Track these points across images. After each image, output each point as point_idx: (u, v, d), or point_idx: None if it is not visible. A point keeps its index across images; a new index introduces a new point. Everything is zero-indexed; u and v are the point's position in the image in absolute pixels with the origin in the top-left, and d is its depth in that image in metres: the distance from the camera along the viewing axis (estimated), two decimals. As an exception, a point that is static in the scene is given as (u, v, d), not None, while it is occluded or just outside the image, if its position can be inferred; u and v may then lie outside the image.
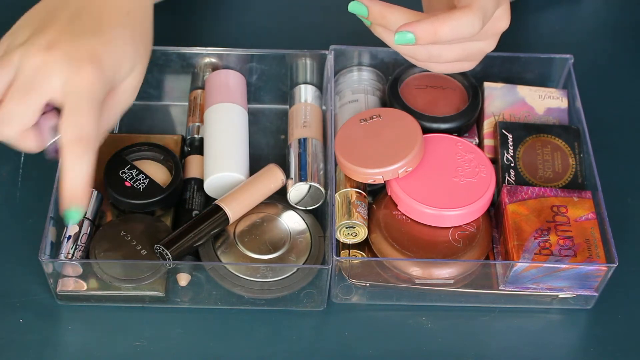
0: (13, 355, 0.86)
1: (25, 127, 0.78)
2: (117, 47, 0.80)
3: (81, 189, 0.77)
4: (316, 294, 0.88)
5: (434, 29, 0.78)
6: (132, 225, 0.88)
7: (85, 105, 0.77)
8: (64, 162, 0.77)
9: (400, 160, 0.88)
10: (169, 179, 0.91)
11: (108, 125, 0.82)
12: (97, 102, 0.78)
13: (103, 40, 0.79)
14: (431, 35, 0.78)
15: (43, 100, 0.77)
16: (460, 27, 0.78)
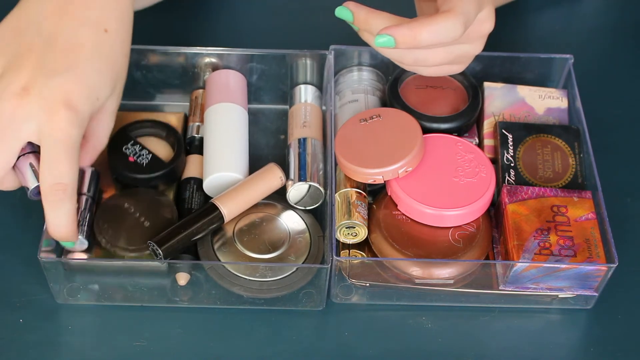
0: (13, 355, 0.86)
1: (3, 171, 0.80)
2: (92, 80, 0.80)
3: (65, 231, 0.81)
4: (315, 294, 0.88)
5: (413, 34, 0.78)
6: (135, 199, 0.90)
7: (61, 152, 0.78)
8: (45, 209, 0.80)
9: (400, 160, 0.88)
10: (172, 154, 0.93)
11: (99, 146, 0.86)
12: (73, 147, 0.79)
13: (77, 76, 0.79)
14: (411, 39, 0.78)
15: (19, 144, 0.79)
16: (440, 32, 0.79)
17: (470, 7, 0.79)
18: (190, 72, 1.00)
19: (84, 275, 0.88)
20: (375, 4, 0.84)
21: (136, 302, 0.88)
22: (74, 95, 0.79)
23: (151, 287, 0.88)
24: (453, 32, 0.79)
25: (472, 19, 0.80)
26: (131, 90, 1.01)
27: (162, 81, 1.01)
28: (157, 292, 0.88)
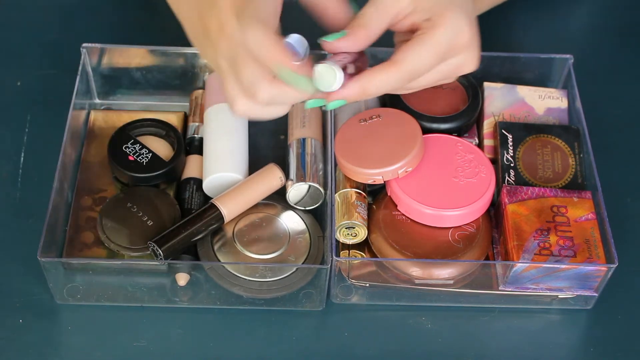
0: (13, 355, 0.86)
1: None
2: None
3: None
4: (315, 294, 0.88)
5: (361, 89, 0.78)
6: (137, 198, 0.90)
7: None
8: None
9: (400, 160, 0.88)
10: (172, 153, 0.93)
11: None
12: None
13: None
14: (360, 94, 0.78)
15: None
16: (385, 84, 0.78)
17: (422, 63, 0.79)
18: (190, 73, 1.00)
19: (84, 275, 0.88)
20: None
21: (136, 302, 0.88)
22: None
23: (151, 287, 0.88)
24: (396, 83, 0.79)
25: (423, 72, 0.79)
26: (131, 90, 1.01)
27: (162, 81, 1.01)
28: (157, 292, 0.88)
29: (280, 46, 0.75)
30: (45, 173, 0.94)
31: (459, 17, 0.79)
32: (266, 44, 0.75)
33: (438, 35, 0.78)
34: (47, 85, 1.04)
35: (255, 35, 0.75)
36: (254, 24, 0.76)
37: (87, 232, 0.90)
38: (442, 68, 0.80)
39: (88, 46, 0.98)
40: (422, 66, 0.79)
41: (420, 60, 0.78)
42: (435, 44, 0.78)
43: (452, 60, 0.80)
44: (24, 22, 1.10)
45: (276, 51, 0.75)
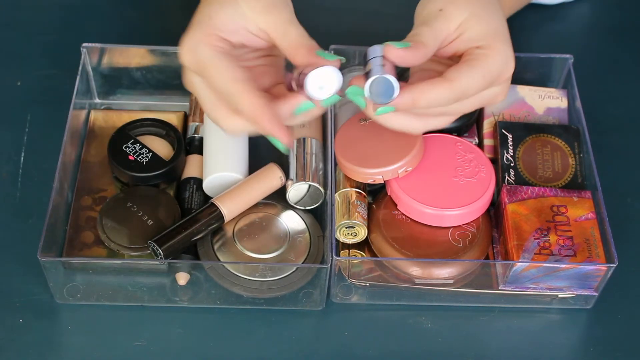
0: (13, 355, 0.86)
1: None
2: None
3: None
4: (315, 294, 0.88)
5: (412, 100, 0.79)
6: (137, 197, 0.90)
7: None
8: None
9: (400, 160, 0.88)
10: (172, 153, 0.93)
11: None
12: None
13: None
14: (410, 105, 0.79)
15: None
16: (435, 98, 0.79)
17: (473, 85, 0.80)
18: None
19: (84, 275, 0.88)
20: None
21: (136, 301, 0.88)
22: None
23: (151, 287, 0.88)
24: (445, 101, 0.80)
25: (471, 93, 0.80)
26: (131, 90, 1.01)
27: (162, 81, 1.01)
28: (157, 291, 0.88)
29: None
30: (45, 173, 0.95)
31: (508, 49, 0.82)
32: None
33: (491, 63, 0.80)
34: (47, 85, 1.04)
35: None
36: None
37: (87, 231, 0.90)
38: (485, 94, 0.82)
39: (88, 46, 0.98)
40: (472, 88, 0.80)
41: (472, 82, 0.80)
42: (488, 70, 0.80)
43: (494, 88, 0.82)
44: (24, 22, 1.10)
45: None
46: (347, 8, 0.84)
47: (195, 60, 0.79)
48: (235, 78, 0.78)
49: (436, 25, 0.81)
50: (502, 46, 0.81)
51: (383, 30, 0.91)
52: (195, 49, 0.79)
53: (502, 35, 0.82)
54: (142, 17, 1.11)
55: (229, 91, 0.78)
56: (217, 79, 0.78)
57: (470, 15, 0.81)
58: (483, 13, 0.82)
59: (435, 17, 0.81)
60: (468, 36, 0.81)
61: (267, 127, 0.77)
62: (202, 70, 0.79)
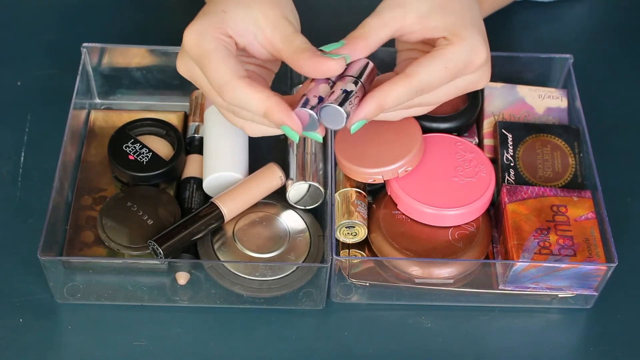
0: (13, 355, 0.86)
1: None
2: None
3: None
4: (315, 293, 0.88)
5: (378, 105, 0.79)
6: (137, 197, 0.90)
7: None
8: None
9: (400, 159, 0.88)
10: (172, 152, 0.93)
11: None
12: None
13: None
14: (377, 110, 0.79)
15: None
16: (399, 97, 0.79)
17: (436, 77, 0.80)
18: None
19: (84, 275, 0.88)
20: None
21: (136, 301, 0.88)
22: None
23: (151, 286, 0.88)
24: (408, 96, 0.80)
25: (435, 86, 0.81)
26: (131, 90, 1.01)
27: (162, 81, 1.01)
28: (157, 291, 0.88)
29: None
30: (45, 173, 0.95)
31: (475, 37, 0.81)
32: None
33: (453, 53, 0.80)
34: (47, 85, 1.04)
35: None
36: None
37: (87, 231, 0.90)
38: (459, 84, 0.82)
39: (88, 46, 0.98)
40: (435, 80, 0.80)
41: (433, 75, 0.80)
42: (450, 61, 0.80)
43: (468, 77, 0.82)
44: (24, 22, 1.10)
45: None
46: (347, 8, 0.84)
47: (198, 47, 0.79)
48: (238, 74, 0.78)
49: (385, 15, 0.80)
50: (467, 34, 0.81)
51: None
52: (202, 36, 0.79)
53: (469, 24, 0.81)
54: (142, 17, 1.11)
55: (231, 89, 0.77)
56: (219, 74, 0.78)
57: (434, 4, 0.81)
58: (449, 3, 0.82)
59: (389, 7, 0.81)
60: (433, 25, 0.81)
61: (278, 117, 0.77)
62: (202, 59, 0.79)
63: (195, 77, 0.82)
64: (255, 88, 0.77)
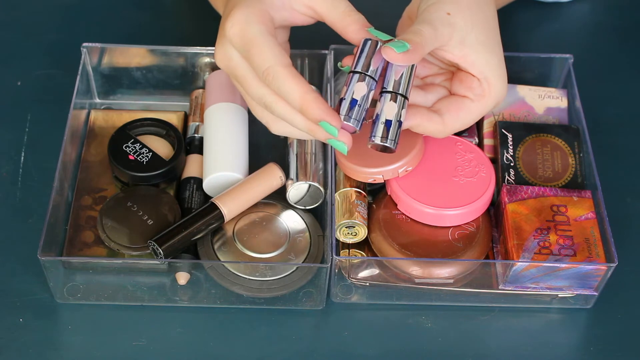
0: (13, 355, 0.86)
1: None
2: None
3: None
4: (315, 293, 0.88)
5: (410, 127, 0.84)
6: (137, 197, 0.90)
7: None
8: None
9: (400, 159, 0.88)
10: (172, 152, 0.93)
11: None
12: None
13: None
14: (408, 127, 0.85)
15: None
16: (430, 132, 0.85)
17: (468, 121, 0.86)
18: (190, 72, 1.00)
19: (84, 275, 0.88)
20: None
21: (136, 301, 0.88)
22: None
23: (151, 286, 0.88)
24: (439, 135, 0.86)
25: (465, 127, 0.86)
26: (131, 90, 1.01)
27: (162, 81, 1.01)
28: (157, 291, 0.89)
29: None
30: (45, 173, 0.95)
31: (504, 86, 0.85)
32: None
33: (485, 106, 0.85)
34: (47, 85, 1.04)
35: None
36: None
37: (87, 231, 0.90)
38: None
39: (88, 46, 0.98)
40: (463, 127, 0.86)
41: (463, 124, 0.85)
42: (481, 111, 0.85)
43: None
44: (24, 22, 1.10)
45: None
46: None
47: (244, 35, 0.79)
48: (283, 62, 0.78)
49: (441, 30, 0.81)
50: (499, 84, 0.84)
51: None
52: (247, 24, 0.79)
53: (502, 70, 0.85)
54: (142, 17, 1.11)
55: (275, 74, 0.78)
56: (264, 58, 0.78)
57: (479, 37, 0.83)
58: (489, 41, 0.84)
59: (441, 21, 0.81)
60: (472, 59, 0.83)
61: (316, 113, 0.77)
62: (249, 46, 0.79)
63: (233, 65, 0.82)
64: (298, 78, 0.78)
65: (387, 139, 0.80)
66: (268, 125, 0.84)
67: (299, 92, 0.77)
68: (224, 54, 0.82)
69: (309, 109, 0.77)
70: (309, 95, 0.77)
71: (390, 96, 0.81)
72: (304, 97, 0.77)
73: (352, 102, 0.80)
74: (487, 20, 0.84)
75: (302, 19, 0.84)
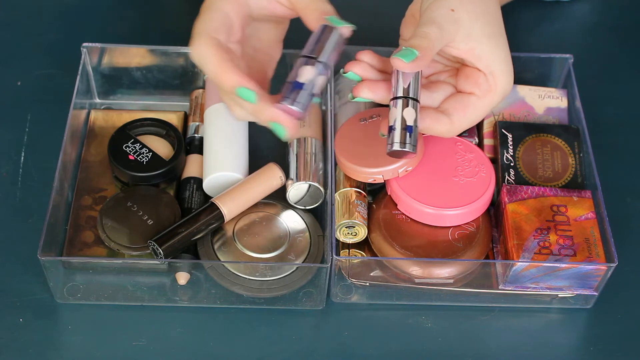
0: (13, 355, 0.86)
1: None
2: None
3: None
4: (315, 293, 0.88)
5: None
6: (137, 197, 0.90)
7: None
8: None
9: (400, 159, 0.88)
10: (172, 152, 0.93)
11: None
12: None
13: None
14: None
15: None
16: (436, 132, 0.85)
17: (475, 118, 0.86)
18: (190, 72, 1.00)
19: (84, 274, 0.88)
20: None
21: (136, 301, 0.88)
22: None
23: (151, 286, 0.88)
24: (446, 135, 0.86)
25: (472, 124, 0.86)
26: (131, 90, 1.01)
27: (162, 81, 1.01)
28: (157, 291, 0.89)
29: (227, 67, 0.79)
30: (45, 173, 0.95)
31: (510, 81, 0.85)
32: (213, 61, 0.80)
33: (491, 101, 0.85)
34: (47, 85, 1.04)
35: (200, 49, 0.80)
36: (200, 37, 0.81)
37: (87, 231, 0.90)
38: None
39: (88, 46, 0.98)
40: (472, 124, 0.86)
41: (473, 121, 0.86)
42: (488, 107, 0.85)
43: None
44: (24, 22, 1.10)
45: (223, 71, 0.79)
46: (347, 8, 0.84)
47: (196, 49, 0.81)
48: (212, 35, 0.80)
49: (447, 28, 0.81)
50: (506, 79, 0.85)
51: (383, 30, 0.91)
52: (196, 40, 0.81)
53: (508, 64, 0.85)
54: (142, 17, 1.11)
55: (197, 44, 0.80)
56: (198, 26, 0.81)
57: (485, 31, 0.83)
58: (494, 35, 0.84)
59: (446, 19, 0.81)
60: (478, 53, 0.83)
61: (231, 81, 0.79)
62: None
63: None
64: (218, 49, 0.79)
65: (407, 144, 0.81)
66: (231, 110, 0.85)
67: (216, 61, 0.79)
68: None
69: (224, 77, 0.79)
70: (225, 64, 0.79)
71: (403, 102, 0.81)
72: (220, 66, 0.79)
73: (295, 84, 0.79)
74: (490, 13, 0.84)
75: (281, 10, 0.84)
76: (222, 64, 0.79)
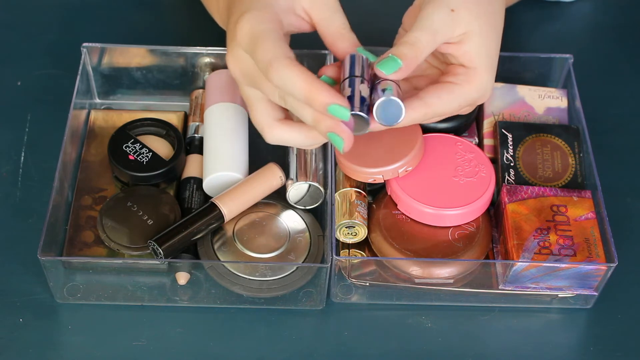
0: (13, 355, 0.86)
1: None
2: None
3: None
4: (315, 293, 0.88)
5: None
6: (137, 197, 0.90)
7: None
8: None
9: (400, 159, 0.88)
10: (172, 152, 0.93)
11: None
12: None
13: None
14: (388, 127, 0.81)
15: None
16: (412, 120, 0.81)
17: (450, 105, 0.83)
18: (190, 72, 1.00)
19: (84, 274, 0.88)
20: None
21: (136, 301, 0.88)
22: None
23: (151, 286, 0.88)
24: (422, 120, 0.82)
25: (449, 112, 0.83)
26: (131, 90, 1.01)
27: (162, 81, 1.01)
28: (157, 291, 0.89)
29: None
30: (45, 173, 0.95)
31: (490, 79, 0.84)
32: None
33: (471, 91, 0.83)
34: (47, 85, 1.04)
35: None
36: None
37: (87, 231, 0.90)
38: (455, 110, 0.84)
39: (88, 46, 0.98)
40: (447, 112, 0.83)
41: (446, 107, 0.82)
42: (465, 98, 0.83)
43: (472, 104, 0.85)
44: (24, 22, 1.10)
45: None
46: (347, 8, 0.84)
47: (252, 33, 0.78)
48: (286, 55, 0.77)
49: (443, 32, 0.81)
50: (486, 75, 0.83)
51: (383, 30, 0.91)
52: (256, 23, 0.79)
53: (492, 63, 0.84)
54: (142, 17, 1.12)
55: (277, 66, 0.76)
56: (267, 51, 0.77)
57: (477, 29, 0.82)
58: (488, 33, 0.83)
59: (443, 22, 0.81)
60: (465, 49, 0.82)
61: (325, 96, 0.75)
62: (255, 43, 0.78)
63: (245, 68, 0.81)
64: (301, 69, 0.76)
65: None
66: (263, 132, 0.83)
67: (303, 81, 0.76)
68: (235, 58, 0.81)
69: (316, 95, 0.76)
70: (315, 83, 0.76)
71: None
72: (310, 85, 0.76)
73: (361, 99, 0.78)
74: (493, 14, 0.83)
75: (305, 26, 0.84)
76: (311, 83, 0.76)
